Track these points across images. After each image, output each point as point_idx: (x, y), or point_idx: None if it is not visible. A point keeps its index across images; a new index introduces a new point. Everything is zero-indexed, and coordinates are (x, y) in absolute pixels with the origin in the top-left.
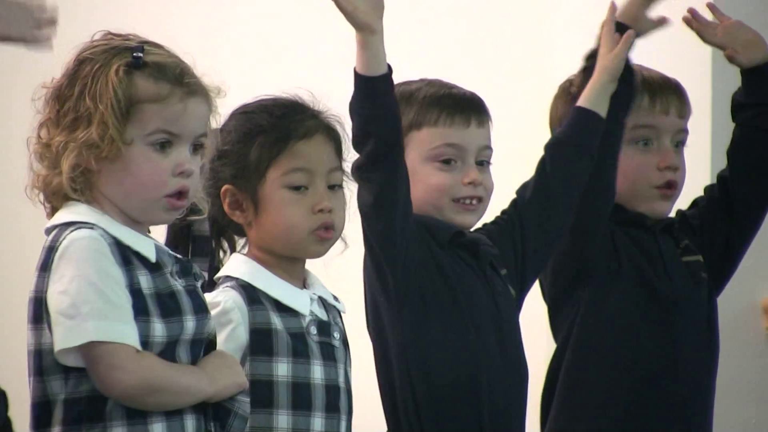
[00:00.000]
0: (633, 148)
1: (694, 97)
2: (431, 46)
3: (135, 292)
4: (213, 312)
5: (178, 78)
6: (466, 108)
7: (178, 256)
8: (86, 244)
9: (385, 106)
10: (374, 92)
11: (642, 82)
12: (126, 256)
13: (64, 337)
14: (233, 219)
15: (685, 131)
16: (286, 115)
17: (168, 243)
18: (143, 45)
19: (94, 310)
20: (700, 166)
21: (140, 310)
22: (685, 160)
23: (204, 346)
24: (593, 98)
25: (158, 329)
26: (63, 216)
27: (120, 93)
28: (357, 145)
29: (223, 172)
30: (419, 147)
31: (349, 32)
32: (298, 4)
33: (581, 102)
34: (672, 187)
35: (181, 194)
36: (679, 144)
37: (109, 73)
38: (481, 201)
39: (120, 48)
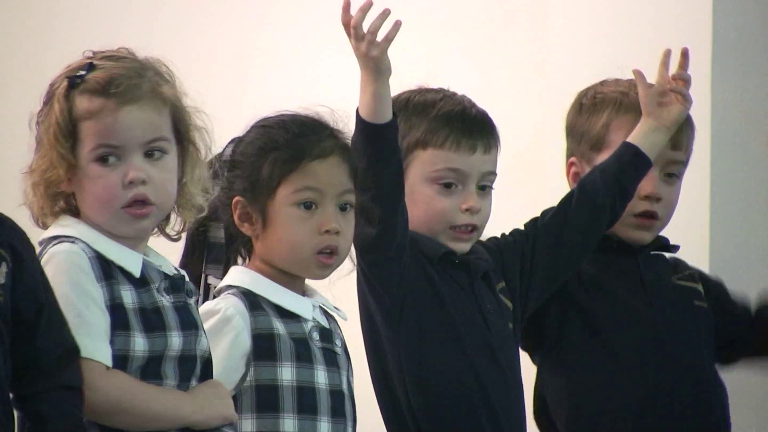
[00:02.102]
0: None
1: (694, 118)
2: (430, 54)
3: (116, 306)
4: (214, 319)
5: (107, 89)
6: (474, 133)
7: (169, 272)
8: (64, 258)
9: (390, 150)
10: (380, 139)
11: (637, 112)
12: (108, 270)
13: None
14: (242, 231)
15: (678, 163)
16: (303, 133)
17: (186, 250)
18: (91, 62)
19: None
20: (700, 178)
21: (120, 324)
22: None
23: (201, 364)
24: (637, 136)
25: (139, 343)
26: (51, 230)
27: (61, 117)
28: (362, 182)
29: (236, 183)
30: (422, 166)
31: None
32: (316, 17)
33: (629, 137)
34: (652, 217)
35: (142, 203)
36: (671, 175)
37: (54, 98)
38: (476, 228)
39: (74, 68)
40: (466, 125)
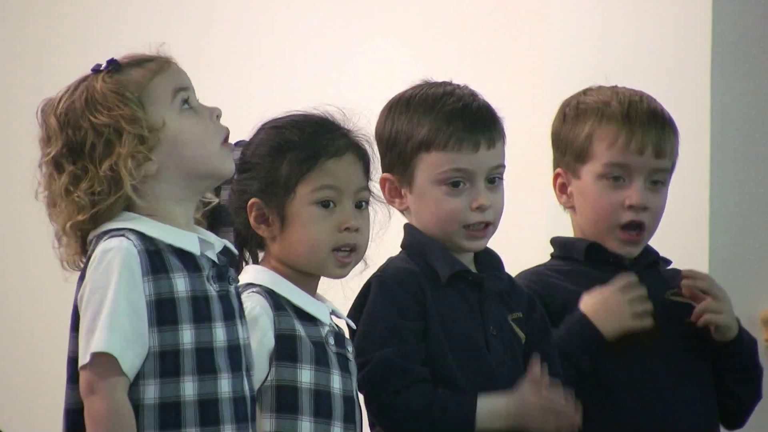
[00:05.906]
0: (604, 183)
1: (694, 119)
2: (429, 58)
3: (163, 301)
4: None
5: (149, 58)
6: (476, 130)
7: (215, 259)
8: (111, 257)
9: None
10: None
11: (625, 117)
12: (156, 263)
13: (83, 352)
14: (258, 233)
15: (663, 171)
16: (317, 132)
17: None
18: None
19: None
20: (700, 180)
21: (168, 319)
22: (666, 197)
23: (242, 352)
24: None
25: (187, 336)
26: (106, 224)
27: (125, 91)
28: None
29: (251, 185)
30: (428, 169)
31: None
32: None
33: None
34: (639, 229)
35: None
36: (657, 183)
37: (95, 91)
38: (490, 224)
39: (84, 77)
40: (467, 123)
